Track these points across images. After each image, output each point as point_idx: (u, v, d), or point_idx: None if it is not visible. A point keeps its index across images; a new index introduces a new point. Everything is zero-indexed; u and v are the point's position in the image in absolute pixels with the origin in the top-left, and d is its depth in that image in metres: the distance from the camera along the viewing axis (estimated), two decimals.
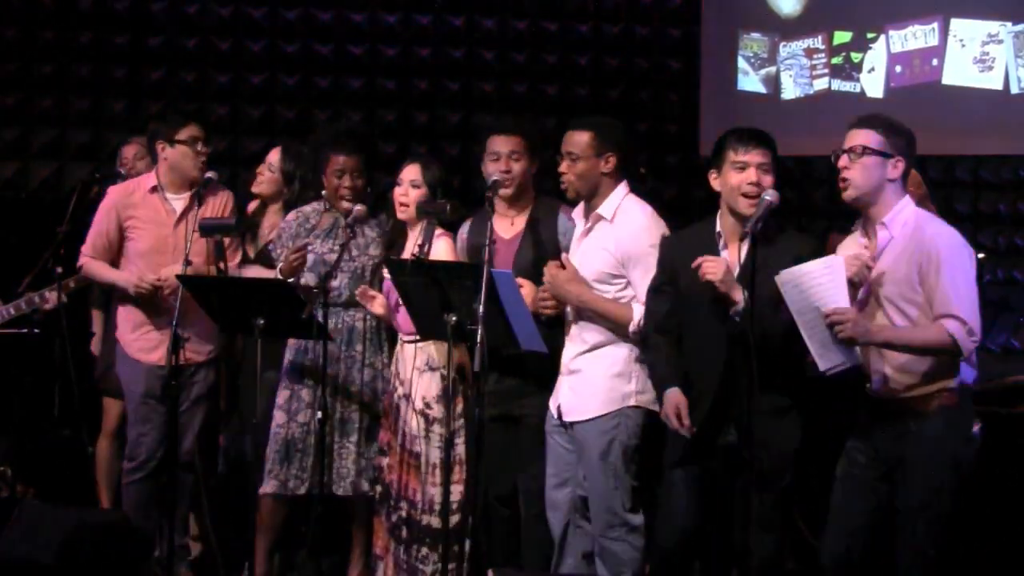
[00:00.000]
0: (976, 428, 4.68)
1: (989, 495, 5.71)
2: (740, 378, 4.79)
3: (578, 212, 5.48)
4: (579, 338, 5.37)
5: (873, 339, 4.54)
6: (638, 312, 5.21)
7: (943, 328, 4.50)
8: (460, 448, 5.56)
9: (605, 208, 5.34)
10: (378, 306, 5.78)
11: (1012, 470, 5.76)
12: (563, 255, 5.42)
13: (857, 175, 4.66)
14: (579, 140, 5.37)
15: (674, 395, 5.00)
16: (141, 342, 6.20)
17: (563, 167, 5.39)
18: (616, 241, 5.29)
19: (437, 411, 5.65)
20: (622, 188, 5.39)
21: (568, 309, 5.42)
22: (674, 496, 5.06)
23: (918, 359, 4.59)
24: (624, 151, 5.38)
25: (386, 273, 5.73)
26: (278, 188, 6.46)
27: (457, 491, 5.55)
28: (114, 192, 6.30)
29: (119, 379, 6.35)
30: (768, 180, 4.92)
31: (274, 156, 6.52)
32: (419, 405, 5.68)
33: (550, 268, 5.36)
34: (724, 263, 4.82)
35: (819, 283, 4.50)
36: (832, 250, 4.88)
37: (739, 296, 4.77)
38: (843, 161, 4.68)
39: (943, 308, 4.52)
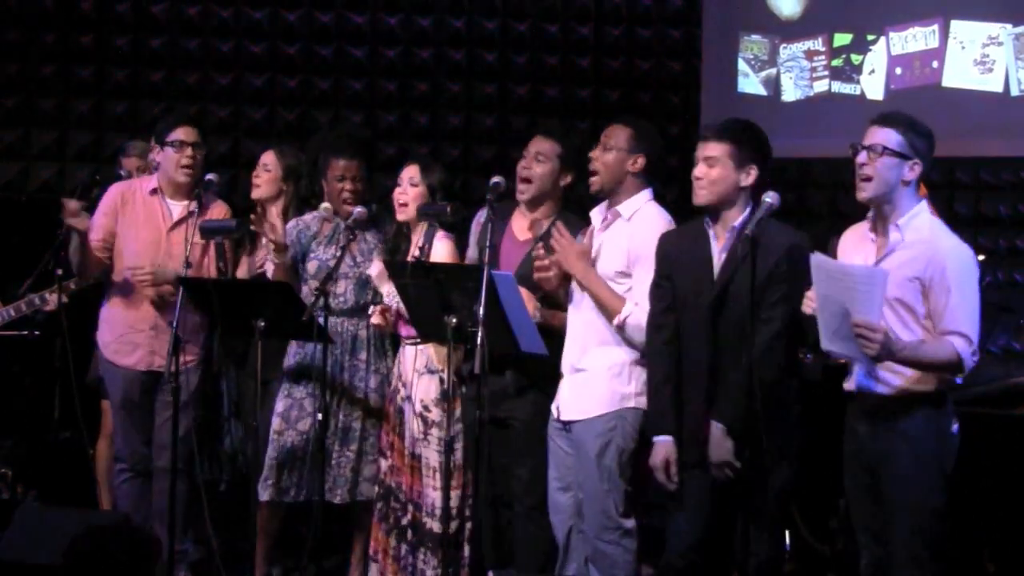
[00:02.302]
0: (955, 426, 4.69)
1: (990, 497, 5.70)
2: (731, 375, 4.83)
3: (597, 211, 5.48)
4: (579, 335, 5.36)
5: (895, 355, 4.52)
6: (627, 309, 5.21)
7: (952, 347, 4.51)
8: (459, 452, 5.56)
9: (625, 208, 5.35)
10: (377, 317, 5.80)
11: (1013, 472, 5.76)
12: (588, 230, 5.43)
13: (875, 174, 4.64)
14: (618, 133, 5.39)
15: (665, 447, 5.02)
16: (118, 345, 6.20)
17: (594, 153, 5.40)
18: (630, 238, 5.29)
19: (435, 414, 5.65)
20: (647, 194, 5.40)
21: (570, 307, 5.42)
22: (678, 501, 5.05)
23: None
24: (652, 157, 5.39)
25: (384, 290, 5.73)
26: (278, 188, 6.43)
27: (456, 496, 5.54)
28: (116, 187, 6.33)
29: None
30: (713, 173, 4.98)
31: (269, 157, 6.48)
32: (418, 408, 5.69)
33: (566, 235, 5.37)
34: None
35: (857, 288, 4.45)
36: (834, 253, 4.89)
37: (717, 432, 4.86)
38: (862, 158, 4.66)
39: (953, 325, 4.52)
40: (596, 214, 5.46)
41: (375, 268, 5.81)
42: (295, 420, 5.95)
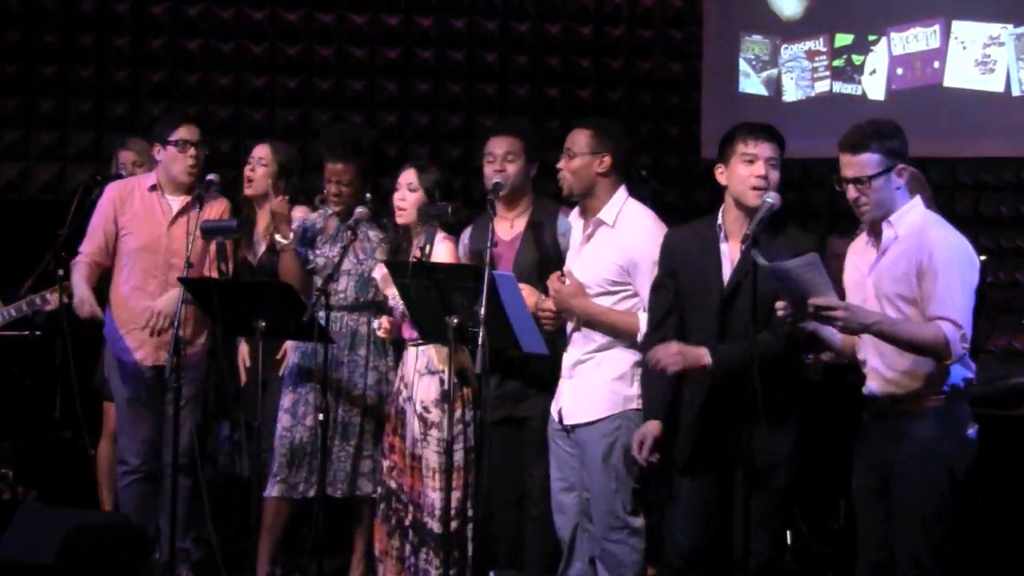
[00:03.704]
0: (972, 430, 4.66)
1: (991, 498, 5.70)
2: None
3: (575, 214, 5.47)
4: (582, 340, 5.36)
5: (869, 328, 4.51)
6: (643, 321, 5.20)
7: (939, 328, 4.46)
8: (459, 454, 5.56)
9: (606, 213, 5.32)
10: (384, 328, 5.82)
11: (1014, 472, 5.76)
12: (565, 268, 5.41)
13: (872, 200, 4.60)
14: (578, 138, 5.37)
15: (649, 425, 5.02)
16: (124, 341, 6.20)
17: (560, 163, 5.40)
18: (620, 249, 5.27)
19: (435, 415, 5.65)
20: (622, 192, 5.36)
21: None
22: (680, 502, 5.06)
23: (914, 361, 4.56)
24: (618, 153, 5.35)
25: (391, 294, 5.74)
26: (273, 184, 6.40)
27: (456, 497, 5.54)
28: (112, 187, 6.32)
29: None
30: (775, 175, 4.91)
31: (264, 151, 6.45)
32: (419, 409, 5.69)
33: (553, 282, 5.35)
34: (675, 354, 4.84)
35: (803, 278, 4.44)
36: (832, 253, 4.88)
37: (706, 360, 4.80)
38: (852, 193, 4.61)
39: (939, 311, 4.49)
40: (575, 221, 5.44)
41: (379, 272, 5.82)
42: (302, 416, 5.96)
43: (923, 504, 4.57)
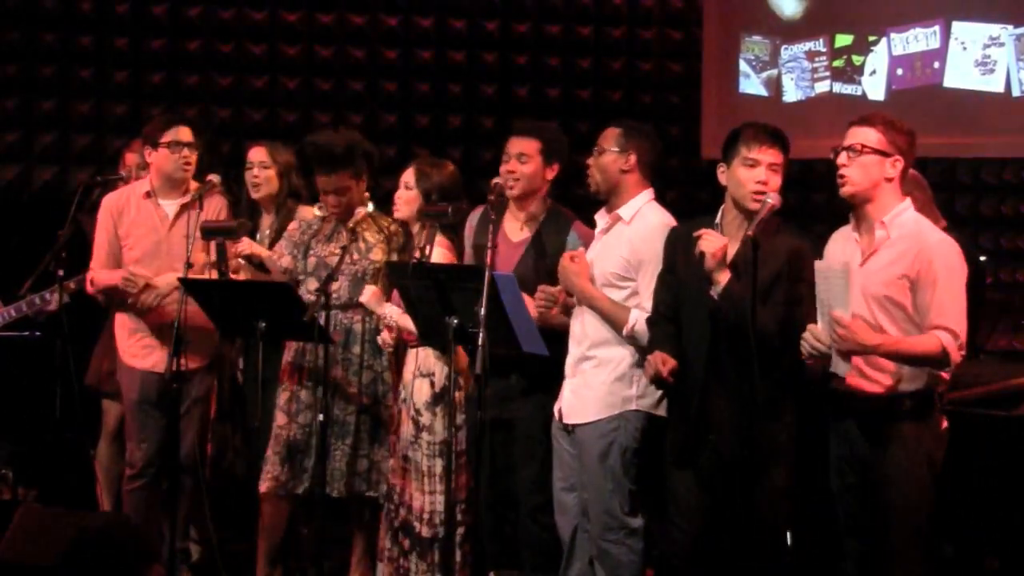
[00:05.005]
0: (944, 423, 4.70)
1: (991, 498, 5.70)
2: (726, 370, 4.84)
3: (600, 215, 5.49)
4: (581, 336, 5.36)
5: (873, 351, 4.53)
6: (633, 317, 5.21)
7: (937, 340, 4.52)
8: (452, 457, 5.55)
9: (625, 210, 5.34)
10: (386, 343, 5.82)
11: (1013, 472, 5.76)
12: (579, 249, 5.44)
13: (855, 173, 4.66)
14: (608, 134, 5.39)
15: (660, 351, 4.97)
16: (135, 348, 6.22)
17: (590, 160, 5.41)
18: (629, 243, 5.28)
19: (426, 418, 5.65)
20: (647, 194, 5.38)
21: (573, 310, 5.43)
22: (677, 502, 5.06)
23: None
24: (644, 153, 5.36)
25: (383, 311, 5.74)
26: (278, 185, 6.42)
27: (447, 500, 5.53)
28: (107, 201, 6.33)
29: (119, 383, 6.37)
30: (776, 180, 4.92)
31: (263, 155, 6.46)
32: (412, 411, 5.69)
33: (564, 258, 5.37)
34: (723, 241, 4.84)
35: (831, 284, 4.50)
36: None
37: (723, 278, 4.80)
38: (842, 158, 4.68)
39: (939, 320, 4.54)
40: (600, 218, 5.47)
41: (366, 294, 5.80)
42: (295, 413, 5.96)
43: (911, 501, 4.60)
